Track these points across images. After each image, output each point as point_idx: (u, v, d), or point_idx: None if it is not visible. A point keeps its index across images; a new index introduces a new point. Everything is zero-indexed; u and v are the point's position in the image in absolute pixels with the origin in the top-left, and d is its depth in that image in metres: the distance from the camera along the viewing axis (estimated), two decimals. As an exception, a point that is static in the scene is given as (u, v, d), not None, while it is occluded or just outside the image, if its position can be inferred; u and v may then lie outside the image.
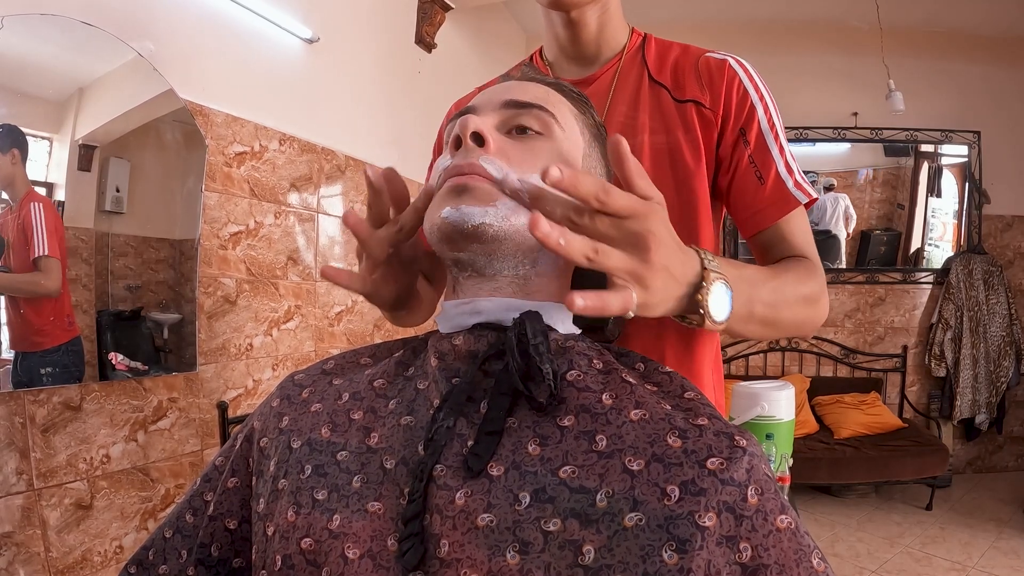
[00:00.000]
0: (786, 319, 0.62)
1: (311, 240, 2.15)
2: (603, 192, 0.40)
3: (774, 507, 0.38)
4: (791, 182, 0.68)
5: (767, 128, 0.69)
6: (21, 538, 1.28)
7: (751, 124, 0.69)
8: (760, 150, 0.69)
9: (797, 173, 0.69)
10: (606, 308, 0.41)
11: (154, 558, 0.53)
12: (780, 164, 0.68)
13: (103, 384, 1.45)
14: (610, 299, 0.41)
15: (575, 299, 0.39)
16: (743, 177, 0.70)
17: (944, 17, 3.38)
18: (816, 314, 0.66)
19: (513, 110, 0.52)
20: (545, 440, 0.42)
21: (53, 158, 1.37)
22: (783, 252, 0.70)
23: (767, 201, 0.69)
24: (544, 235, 0.38)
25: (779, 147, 0.69)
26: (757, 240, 0.71)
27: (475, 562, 0.38)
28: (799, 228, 0.70)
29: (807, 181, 0.69)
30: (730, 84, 0.70)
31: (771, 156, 0.69)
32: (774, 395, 1.67)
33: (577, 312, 0.39)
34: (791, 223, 0.69)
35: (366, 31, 2.42)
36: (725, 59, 0.72)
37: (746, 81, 0.70)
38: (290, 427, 0.51)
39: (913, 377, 3.65)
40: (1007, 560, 2.53)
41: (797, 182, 0.68)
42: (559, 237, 0.39)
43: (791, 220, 0.69)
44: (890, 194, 3.72)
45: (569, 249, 0.39)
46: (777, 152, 0.69)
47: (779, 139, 0.69)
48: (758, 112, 0.69)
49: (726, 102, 0.70)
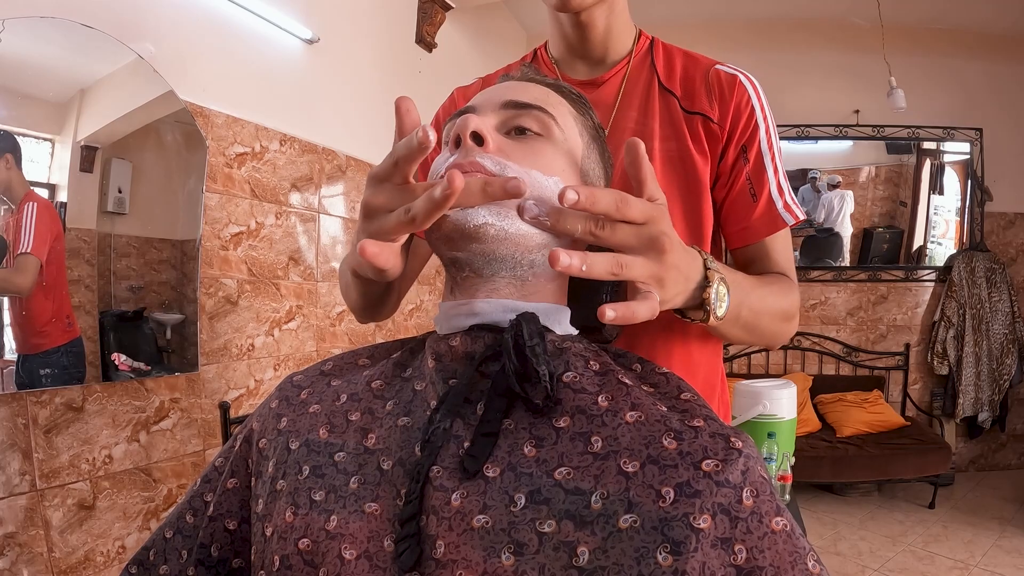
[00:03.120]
0: (764, 328, 0.66)
1: (313, 240, 2.15)
2: (621, 203, 0.42)
3: (769, 509, 0.38)
4: (781, 203, 0.71)
5: (766, 148, 0.71)
6: (24, 538, 1.28)
7: (753, 143, 0.71)
8: (757, 169, 0.71)
9: (787, 194, 0.72)
10: (635, 316, 0.43)
11: (155, 558, 0.54)
12: (773, 184, 0.71)
13: (105, 385, 1.45)
14: (638, 308, 0.43)
15: (606, 311, 0.41)
16: (738, 193, 0.72)
17: (945, 14, 3.36)
18: (788, 330, 0.71)
19: (513, 111, 0.52)
20: (541, 442, 0.42)
21: (55, 160, 1.37)
22: (764, 268, 0.74)
23: (757, 219, 0.72)
24: (566, 268, 0.40)
25: (774, 167, 0.72)
26: (741, 253, 0.75)
27: (470, 563, 0.39)
28: (782, 247, 0.74)
29: (796, 202, 0.73)
30: (739, 101, 0.71)
31: (766, 175, 0.71)
32: (776, 394, 1.67)
33: (608, 322, 0.41)
34: (776, 241, 0.73)
35: (366, 31, 2.42)
36: (736, 75, 0.73)
37: (754, 100, 0.72)
38: (288, 428, 0.51)
39: (915, 375, 3.64)
40: (1010, 559, 2.52)
41: (787, 203, 0.72)
42: (581, 264, 0.40)
43: (776, 239, 0.73)
44: (892, 192, 3.71)
45: (594, 271, 0.41)
46: (772, 172, 0.71)
47: (775, 159, 0.72)
48: (760, 131, 0.71)
49: (734, 119, 0.71)
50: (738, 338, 0.66)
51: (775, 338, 0.70)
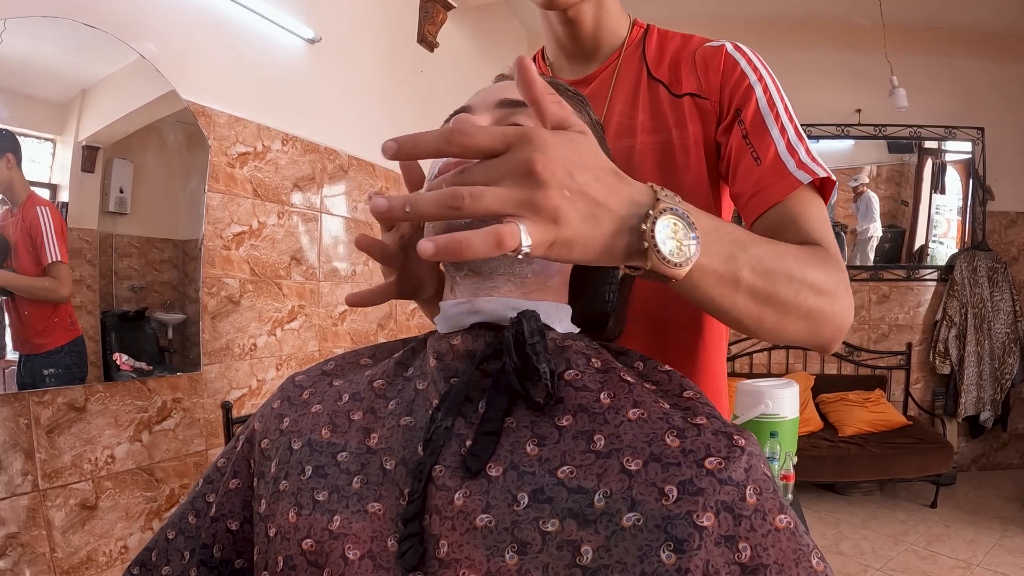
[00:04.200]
0: (787, 298, 0.49)
1: (315, 240, 2.15)
2: (452, 133, 0.36)
3: (773, 507, 0.38)
4: (793, 162, 0.61)
5: (766, 108, 0.65)
6: (27, 538, 1.28)
7: (747, 105, 0.66)
8: (757, 130, 0.64)
9: (803, 153, 0.62)
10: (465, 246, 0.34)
11: (157, 559, 0.54)
12: (780, 143, 0.62)
13: (107, 385, 1.45)
14: (474, 236, 0.34)
15: (424, 245, 0.34)
16: (738, 159, 0.65)
17: (947, 13, 3.36)
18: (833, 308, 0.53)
19: (507, 109, 0.52)
20: (543, 440, 0.42)
21: (56, 160, 1.37)
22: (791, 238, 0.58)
23: (765, 181, 0.62)
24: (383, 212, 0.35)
25: (780, 127, 0.63)
26: (758, 228, 0.63)
27: (473, 562, 0.39)
28: (813, 214, 0.60)
29: (817, 160, 0.61)
30: (727, 70, 0.69)
31: (769, 136, 0.63)
32: (778, 393, 1.66)
33: (426, 258, 0.34)
34: (800, 205, 0.60)
35: (368, 31, 2.42)
36: (721, 45, 0.71)
37: (743, 64, 0.68)
38: (291, 428, 0.51)
39: (917, 374, 3.63)
40: (1012, 558, 2.52)
41: (800, 161, 0.61)
42: (404, 206, 0.35)
43: (799, 203, 0.60)
44: (894, 191, 3.71)
45: (419, 209, 0.35)
46: (778, 132, 0.63)
47: (780, 119, 0.64)
48: (756, 93, 0.66)
49: (722, 88, 0.68)
50: (755, 315, 0.49)
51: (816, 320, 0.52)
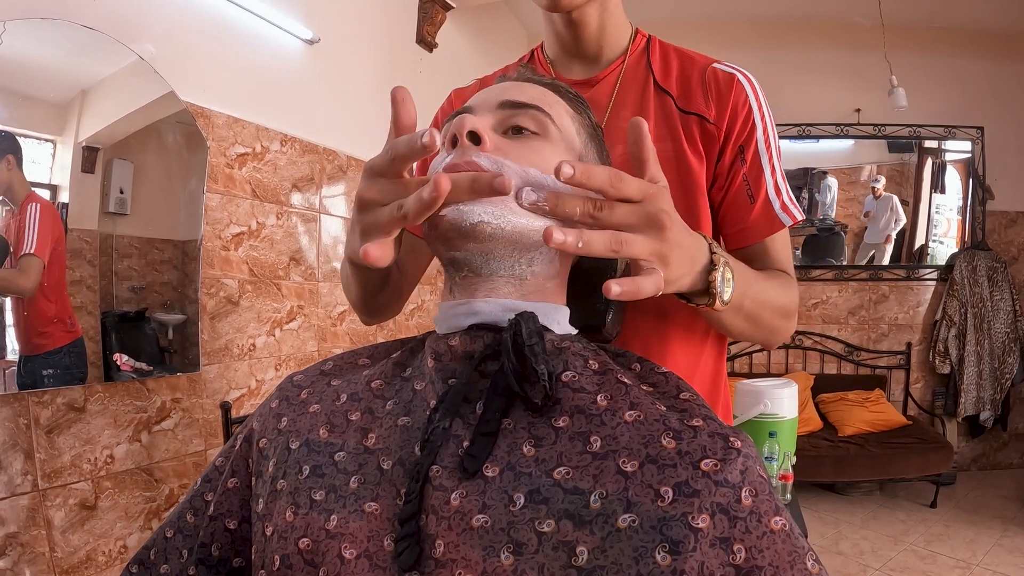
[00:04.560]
0: (766, 321, 0.65)
1: (314, 240, 2.15)
2: (616, 179, 0.42)
3: (768, 509, 0.38)
4: (778, 204, 0.70)
5: (764, 148, 0.70)
6: (26, 538, 1.29)
7: (750, 143, 0.70)
8: (755, 169, 0.70)
9: (785, 194, 0.71)
10: (641, 291, 0.43)
11: (155, 558, 0.54)
12: (770, 184, 0.70)
13: (107, 385, 1.46)
14: (642, 283, 0.43)
15: (612, 287, 0.41)
16: (736, 194, 0.71)
17: (946, 13, 3.36)
18: (787, 327, 0.70)
19: (510, 110, 0.52)
20: (540, 441, 0.42)
21: (56, 160, 1.37)
22: (764, 267, 0.72)
23: (755, 220, 0.71)
24: (560, 243, 0.40)
25: (771, 167, 0.71)
26: (740, 254, 0.73)
27: (470, 562, 0.39)
28: (781, 245, 0.73)
29: (794, 202, 0.72)
30: (736, 101, 0.70)
31: (763, 176, 0.70)
32: (777, 393, 1.67)
33: (614, 298, 0.41)
34: (775, 241, 0.72)
35: (366, 31, 2.42)
36: (734, 74, 0.71)
37: (752, 99, 0.70)
38: (289, 428, 0.51)
39: (917, 374, 3.64)
40: (1012, 558, 2.52)
41: (784, 203, 0.71)
42: (577, 241, 0.40)
43: (775, 238, 0.72)
44: (894, 190, 3.71)
45: (591, 248, 0.41)
46: (769, 172, 0.70)
47: (772, 159, 0.71)
48: (758, 131, 0.70)
49: (731, 118, 0.70)
50: (740, 330, 0.65)
51: (775, 334, 0.70)
